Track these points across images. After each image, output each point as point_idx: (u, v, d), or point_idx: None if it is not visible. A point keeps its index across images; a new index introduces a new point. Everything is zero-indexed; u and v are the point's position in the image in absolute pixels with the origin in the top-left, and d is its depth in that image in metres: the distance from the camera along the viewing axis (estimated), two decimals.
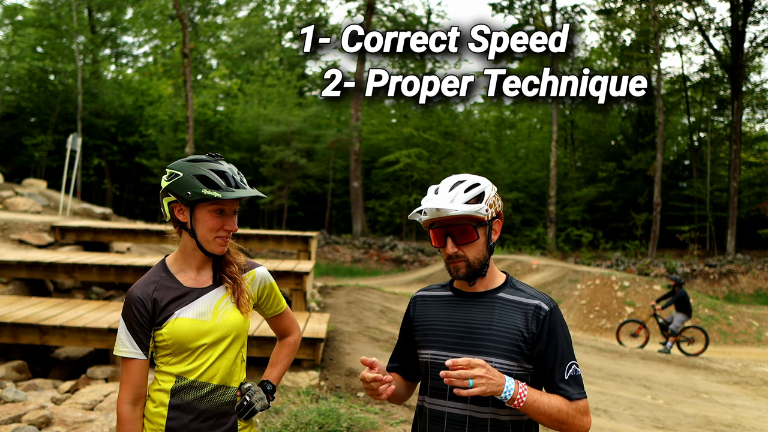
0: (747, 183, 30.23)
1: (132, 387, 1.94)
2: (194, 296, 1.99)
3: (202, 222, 1.95)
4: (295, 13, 39.73)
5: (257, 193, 1.98)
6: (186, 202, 1.93)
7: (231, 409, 2.03)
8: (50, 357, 6.57)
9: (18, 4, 31.91)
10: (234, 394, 2.04)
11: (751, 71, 30.45)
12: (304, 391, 5.24)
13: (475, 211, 1.83)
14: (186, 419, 1.96)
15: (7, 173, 25.16)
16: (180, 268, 2.03)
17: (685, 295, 12.50)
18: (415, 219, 1.92)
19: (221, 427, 2.01)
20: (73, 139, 12.78)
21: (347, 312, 8.78)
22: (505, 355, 1.84)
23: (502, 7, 31.91)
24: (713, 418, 6.70)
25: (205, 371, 1.98)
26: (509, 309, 1.89)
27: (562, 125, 33.64)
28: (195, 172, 1.93)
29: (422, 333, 1.99)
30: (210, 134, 32.42)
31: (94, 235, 9.27)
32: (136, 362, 1.94)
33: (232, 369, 2.03)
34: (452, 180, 1.92)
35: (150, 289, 1.96)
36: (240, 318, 2.04)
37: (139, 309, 1.93)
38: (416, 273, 24.26)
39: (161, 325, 1.95)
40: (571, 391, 1.84)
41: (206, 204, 1.94)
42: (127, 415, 1.93)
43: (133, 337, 1.93)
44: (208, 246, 1.98)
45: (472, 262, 1.88)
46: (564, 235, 30.38)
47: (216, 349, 1.99)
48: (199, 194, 1.90)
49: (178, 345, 1.95)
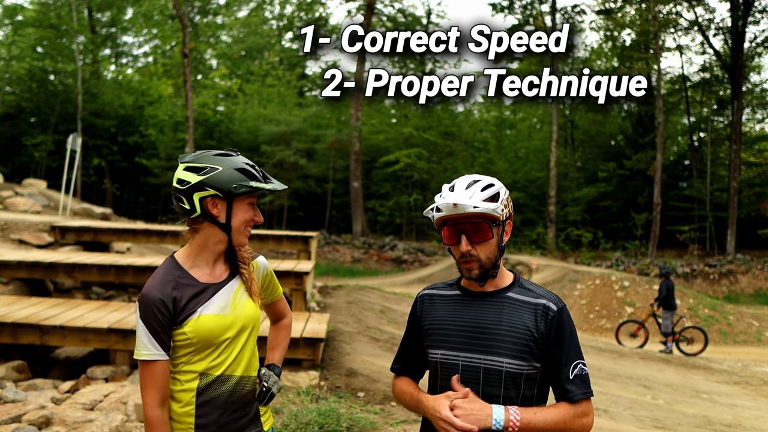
0: (747, 183, 30.23)
1: (159, 389, 1.91)
2: (212, 292, 1.99)
3: (240, 214, 1.97)
4: (295, 13, 39.78)
5: (283, 185, 2.04)
6: (227, 196, 1.93)
7: (253, 397, 2.06)
8: (50, 357, 6.57)
9: (18, 4, 31.93)
10: (254, 382, 2.07)
11: (751, 71, 30.47)
12: (304, 391, 5.24)
13: (492, 210, 1.84)
14: (215, 415, 1.97)
15: (7, 173, 25.16)
16: (193, 263, 2.01)
17: (668, 288, 12.21)
18: (428, 216, 1.92)
19: (246, 416, 2.04)
20: (73, 139, 12.78)
21: (347, 312, 8.78)
22: (515, 355, 1.84)
23: (502, 7, 31.93)
24: (713, 418, 6.70)
25: (230, 365, 1.99)
26: (518, 308, 1.89)
27: (562, 125, 33.65)
28: (234, 165, 1.94)
29: (431, 332, 1.98)
30: (210, 134, 32.43)
31: (94, 235, 9.26)
32: (160, 363, 1.91)
33: (251, 359, 2.06)
34: (467, 179, 1.92)
35: (168, 288, 1.93)
36: (255, 308, 2.06)
37: (160, 309, 1.90)
38: (416, 273, 24.26)
39: (182, 324, 1.93)
40: (576, 391, 1.84)
41: (245, 197, 1.97)
42: (158, 418, 1.91)
43: (155, 339, 1.90)
44: (238, 238, 2.00)
45: (484, 262, 1.88)
46: (564, 235, 30.39)
47: (238, 342, 2.00)
48: (247, 186, 1.92)
49: (203, 342, 1.94)
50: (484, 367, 1.86)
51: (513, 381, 1.85)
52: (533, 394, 1.90)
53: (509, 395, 1.85)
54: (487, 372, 1.85)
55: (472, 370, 1.87)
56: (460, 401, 1.80)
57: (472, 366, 1.87)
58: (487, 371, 1.85)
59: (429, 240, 31.06)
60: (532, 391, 1.89)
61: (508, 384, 1.85)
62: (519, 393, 1.86)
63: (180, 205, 1.96)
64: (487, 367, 1.85)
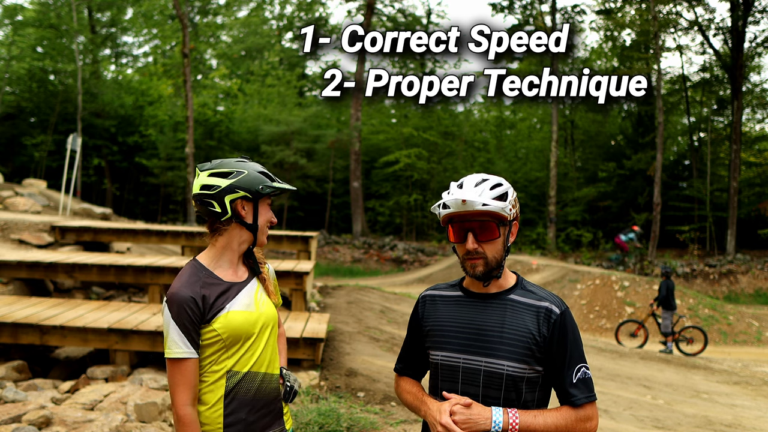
0: (747, 183, 30.22)
1: (190, 388, 1.96)
2: (237, 290, 2.07)
3: (263, 214, 2.10)
4: (295, 13, 39.76)
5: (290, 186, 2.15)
6: (255, 197, 2.05)
7: (277, 394, 2.12)
8: (50, 357, 6.57)
9: (18, 4, 31.89)
10: (277, 380, 2.14)
11: (751, 71, 30.44)
12: (304, 391, 5.24)
13: (501, 209, 1.83)
14: (242, 413, 2.02)
15: (7, 173, 25.17)
16: (216, 265, 2.08)
17: (668, 288, 12.18)
18: (435, 212, 1.92)
19: (271, 414, 2.10)
20: (73, 139, 12.78)
21: (347, 312, 8.78)
22: (517, 359, 1.83)
23: (502, 7, 31.91)
24: (713, 418, 6.70)
25: (257, 361, 2.05)
26: (521, 311, 1.88)
27: (562, 125, 33.64)
28: (257, 168, 2.08)
29: (432, 334, 1.97)
30: (210, 134, 32.42)
31: (94, 235, 9.27)
32: (191, 362, 1.96)
33: (273, 357, 2.13)
34: (476, 177, 1.91)
35: (197, 287, 1.99)
36: (274, 307, 2.16)
37: (192, 308, 1.96)
38: (416, 273, 24.25)
39: (211, 322, 1.99)
40: (578, 395, 1.83)
41: (266, 198, 2.10)
42: (190, 416, 1.95)
43: (187, 337, 1.95)
44: (261, 237, 2.12)
45: (489, 260, 1.87)
46: (564, 235, 30.38)
47: (263, 338, 2.08)
48: (271, 187, 2.06)
49: (232, 338, 2.00)
50: (484, 369, 1.85)
51: (514, 384, 1.84)
52: (534, 398, 1.88)
53: (510, 398, 1.85)
54: (488, 375, 1.84)
55: (473, 373, 1.86)
56: (460, 408, 1.80)
57: (473, 368, 1.86)
58: (487, 374, 1.84)
59: (429, 240, 31.06)
60: (533, 394, 1.88)
61: (509, 387, 1.84)
62: (520, 396, 1.85)
63: (209, 209, 2.05)
64: (488, 370, 1.84)
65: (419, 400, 1.97)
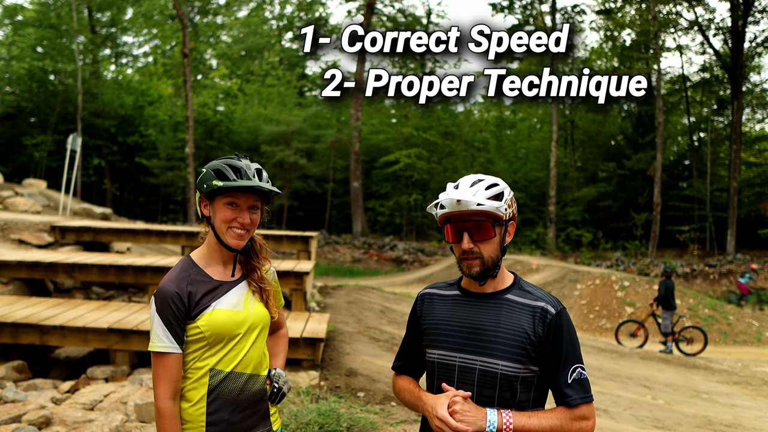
0: (747, 183, 30.21)
1: (171, 382, 1.97)
2: (226, 289, 2.06)
3: (218, 214, 2.02)
4: (295, 13, 39.77)
5: (260, 184, 1.99)
6: (207, 196, 2.03)
7: (263, 396, 2.12)
8: (50, 357, 6.57)
9: (18, 4, 31.89)
10: (264, 381, 2.13)
11: (751, 71, 30.43)
12: (304, 391, 5.24)
13: (496, 208, 1.84)
14: (225, 413, 2.02)
15: (7, 173, 25.16)
16: (207, 262, 2.09)
17: (667, 288, 12.18)
18: (431, 212, 1.92)
19: (256, 415, 2.10)
20: (73, 139, 12.78)
21: (347, 312, 8.78)
22: (512, 358, 1.83)
23: (502, 7, 31.92)
24: (713, 418, 6.70)
25: (241, 361, 2.04)
26: (516, 311, 1.88)
27: (562, 125, 33.64)
28: (213, 167, 2.02)
29: (429, 332, 1.98)
30: (210, 134, 32.42)
31: (94, 235, 9.26)
32: (174, 356, 1.97)
33: (261, 358, 2.12)
34: (472, 177, 1.92)
35: (183, 283, 2.01)
36: (265, 310, 2.13)
37: (176, 303, 1.97)
38: (416, 273, 24.25)
39: (196, 318, 2.00)
40: (573, 395, 1.83)
41: (222, 197, 2.01)
42: (169, 410, 1.96)
43: (170, 332, 1.97)
44: (224, 238, 2.04)
45: (486, 260, 1.87)
46: (564, 235, 30.37)
47: (249, 339, 2.06)
48: (210, 185, 1.99)
49: (216, 336, 2.00)
50: (479, 368, 1.85)
51: (508, 383, 1.84)
52: (530, 397, 1.89)
53: (504, 397, 1.85)
54: (483, 374, 1.85)
55: (468, 371, 1.87)
56: (459, 399, 1.80)
57: (468, 367, 1.87)
58: (482, 373, 1.85)
59: (429, 240, 31.06)
60: (528, 394, 1.88)
61: (503, 386, 1.84)
62: (515, 396, 1.85)
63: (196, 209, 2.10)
64: (482, 369, 1.85)
65: (416, 397, 1.98)
